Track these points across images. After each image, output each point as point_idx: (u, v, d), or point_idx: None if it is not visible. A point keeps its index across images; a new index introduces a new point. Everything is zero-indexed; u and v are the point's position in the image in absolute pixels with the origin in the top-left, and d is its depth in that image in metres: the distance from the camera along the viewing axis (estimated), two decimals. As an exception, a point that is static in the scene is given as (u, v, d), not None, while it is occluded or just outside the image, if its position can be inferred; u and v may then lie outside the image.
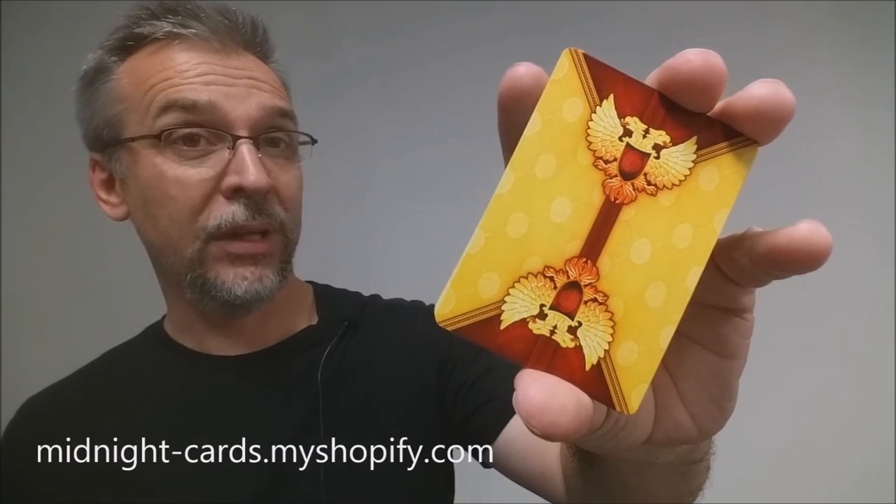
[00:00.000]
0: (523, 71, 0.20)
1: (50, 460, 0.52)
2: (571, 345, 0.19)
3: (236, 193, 0.48)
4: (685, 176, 0.20)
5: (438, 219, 1.40)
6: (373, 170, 1.45)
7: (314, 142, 0.57)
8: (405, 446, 0.55)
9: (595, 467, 0.36)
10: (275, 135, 0.52)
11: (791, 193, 1.34)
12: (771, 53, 1.45)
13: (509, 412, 0.54)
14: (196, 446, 0.52)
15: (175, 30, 0.49)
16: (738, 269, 0.22)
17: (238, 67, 0.50)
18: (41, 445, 0.52)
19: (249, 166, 0.47)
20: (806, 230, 0.19)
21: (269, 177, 0.49)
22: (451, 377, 0.57)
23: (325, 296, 0.64)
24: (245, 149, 0.48)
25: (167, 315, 0.59)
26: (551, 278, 0.19)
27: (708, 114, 0.20)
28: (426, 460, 0.56)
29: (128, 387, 0.56)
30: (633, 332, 0.20)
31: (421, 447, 0.56)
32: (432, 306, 0.71)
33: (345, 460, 0.53)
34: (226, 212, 0.48)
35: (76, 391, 0.57)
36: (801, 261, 0.19)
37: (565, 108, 0.20)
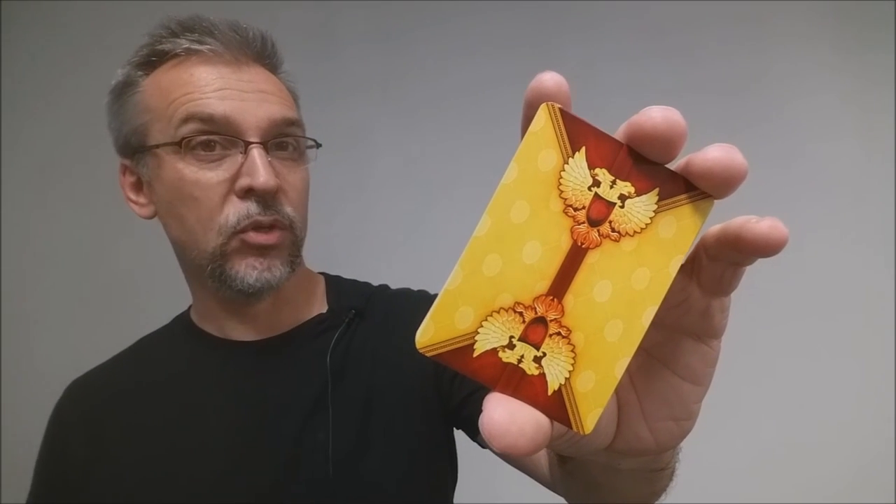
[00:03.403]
0: (548, 77, 0.22)
1: (91, 437, 0.58)
2: (536, 372, 0.22)
3: (248, 193, 0.53)
4: (646, 224, 0.22)
5: (437, 220, 1.42)
6: (373, 172, 1.47)
7: (318, 146, 0.60)
8: (406, 426, 0.59)
9: (567, 462, 0.39)
10: (283, 140, 0.56)
11: (791, 193, 1.34)
12: (771, 54, 1.44)
13: None
14: (214, 423, 0.57)
15: (193, 46, 0.53)
16: (715, 264, 0.24)
17: (248, 80, 0.54)
18: (84, 423, 0.59)
19: (259, 168, 0.52)
20: (766, 227, 0.21)
21: (277, 178, 0.53)
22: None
23: (335, 286, 0.67)
24: (255, 153, 0.52)
25: (193, 304, 0.64)
26: (521, 313, 0.22)
27: (672, 168, 0.22)
28: (426, 440, 0.61)
29: (158, 369, 0.62)
30: (592, 362, 0.22)
31: (421, 428, 0.60)
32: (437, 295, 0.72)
33: (351, 438, 0.57)
34: (241, 208, 0.53)
35: (114, 374, 0.63)
36: (762, 251, 0.21)
37: (541, 159, 0.22)
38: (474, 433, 0.60)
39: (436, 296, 0.22)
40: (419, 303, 0.66)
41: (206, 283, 0.56)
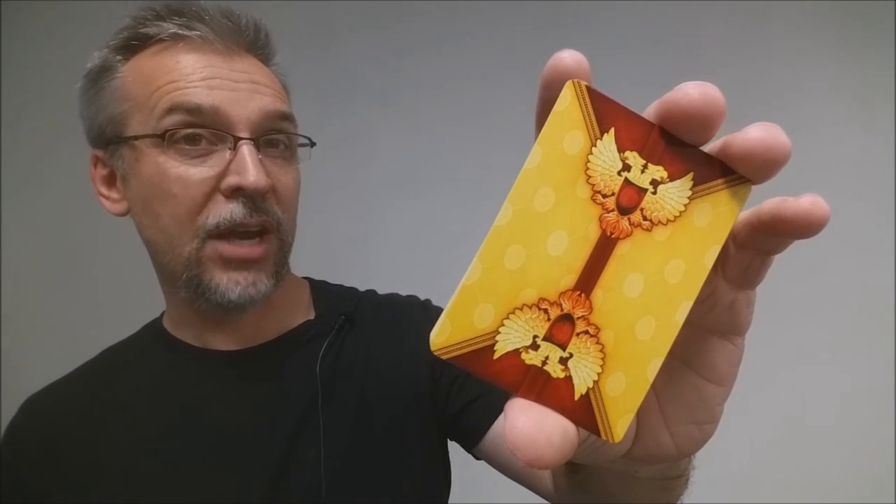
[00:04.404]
0: (567, 55, 0.21)
1: (50, 460, 0.52)
2: (562, 375, 0.20)
3: (235, 193, 0.49)
4: (680, 212, 0.20)
5: (437, 220, 1.41)
6: (372, 171, 1.45)
7: (313, 144, 0.57)
8: (401, 439, 0.57)
9: (578, 472, 0.37)
10: (274, 137, 0.52)
11: (790, 192, 1.35)
12: (771, 52, 1.45)
13: (498, 409, 0.55)
14: (195, 442, 0.52)
15: (180, 31, 0.49)
16: (743, 253, 0.22)
17: (241, 70, 0.51)
18: (42, 444, 0.53)
19: (250, 167, 0.48)
20: (808, 203, 0.19)
21: (268, 177, 0.49)
22: (444, 372, 0.58)
23: (322, 291, 0.64)
24: (246, 150, 0.49)
25: (166, 311, 0.59)
26: (545, 310, 0.20)
27: (707, 151, 0.21)
28: (422, 453, 0.58)
29: (127, 384, 0.56)
30: (622, 363, 0.20)
31: (416, 440, 0.57)
32: (427, 301, 0.70)
33: (343, 454, 0.54)
34: (224, 210, 0.49)
35: (76, 389, 0.57)
36: (803, 230, 0.20)
37: (566, 141, 0.20)
38: (471, 444, 0.58)
39: (429, 300, 0.20)
40: (410, 308, 0.63)
41: (179, 292, 0.51)
